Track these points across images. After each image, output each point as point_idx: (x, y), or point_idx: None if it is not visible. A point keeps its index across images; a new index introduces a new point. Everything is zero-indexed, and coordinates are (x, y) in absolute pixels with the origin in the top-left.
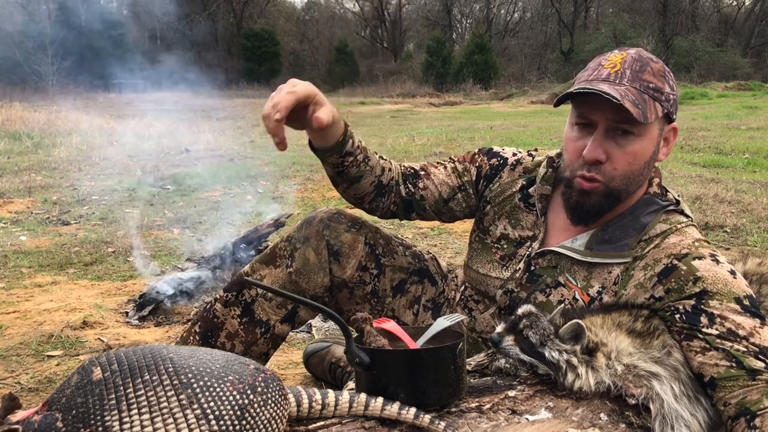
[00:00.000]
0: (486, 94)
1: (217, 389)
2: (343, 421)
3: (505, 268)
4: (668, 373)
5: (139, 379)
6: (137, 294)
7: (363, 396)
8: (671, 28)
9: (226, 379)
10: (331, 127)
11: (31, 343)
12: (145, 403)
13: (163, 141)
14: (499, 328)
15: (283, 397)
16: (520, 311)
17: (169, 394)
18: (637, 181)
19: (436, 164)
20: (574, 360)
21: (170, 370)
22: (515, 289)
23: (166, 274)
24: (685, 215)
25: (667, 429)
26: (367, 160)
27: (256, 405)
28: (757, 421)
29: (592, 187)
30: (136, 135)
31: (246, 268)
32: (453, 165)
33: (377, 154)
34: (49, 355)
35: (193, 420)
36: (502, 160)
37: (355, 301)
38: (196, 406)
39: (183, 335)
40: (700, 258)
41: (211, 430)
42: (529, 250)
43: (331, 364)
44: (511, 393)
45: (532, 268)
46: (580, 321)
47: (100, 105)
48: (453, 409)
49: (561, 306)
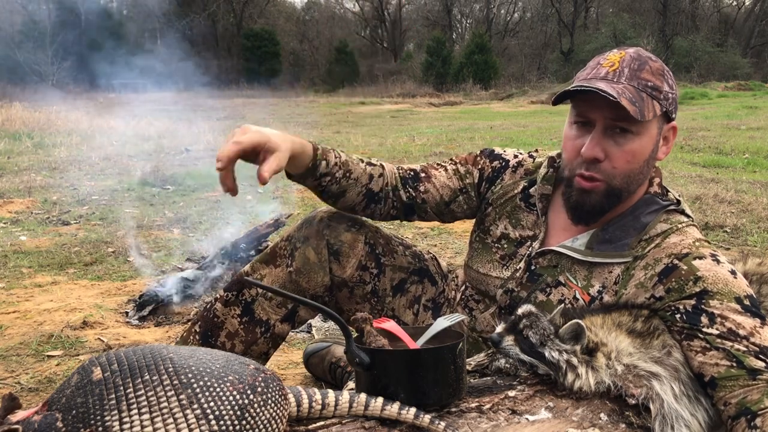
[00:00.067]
0: (486, 94)
1: (217, 389)
2: (343, 421)
3: (506, 267)
4: (668, 373)
5: (139, 379)
6: (137, 294)
7: (363, 396)
8: (671, 28)
9: (226, 379)
10: (297, 157)
11: (31, 343)
12: (145, 403)
13: (163, 141)
14: (499, 328)
15: (283, 397)
16: (520, 311)
17: (169, 394)
18: (638, 180)
19: (437, 166)
20: (574, 360)
21: (170, 370)
22: (516, 289)
23: (166, 274)
24: (686, 215)
25: (667, 429)
26: (348, 174)
27: (256, 405)
28: (758, 421)
29: (593, 186)
30: (136, 135)
31: (246, 267)
32: (454, 167)
33: (365, 162)
34: (49, 355)
35: (193, 420)
36: (503, 163)
37: (355, 301)
38: (196, 406)
39: (183, 335)
40: (700, 258)
41: (211, 430)
42: (530, 249)
43: (331, 364)
44: (511, 393)
45: (533, 268)
46: (580, 321)
47: (100, 105)
48: (453, 409)
49: (561, 306)
